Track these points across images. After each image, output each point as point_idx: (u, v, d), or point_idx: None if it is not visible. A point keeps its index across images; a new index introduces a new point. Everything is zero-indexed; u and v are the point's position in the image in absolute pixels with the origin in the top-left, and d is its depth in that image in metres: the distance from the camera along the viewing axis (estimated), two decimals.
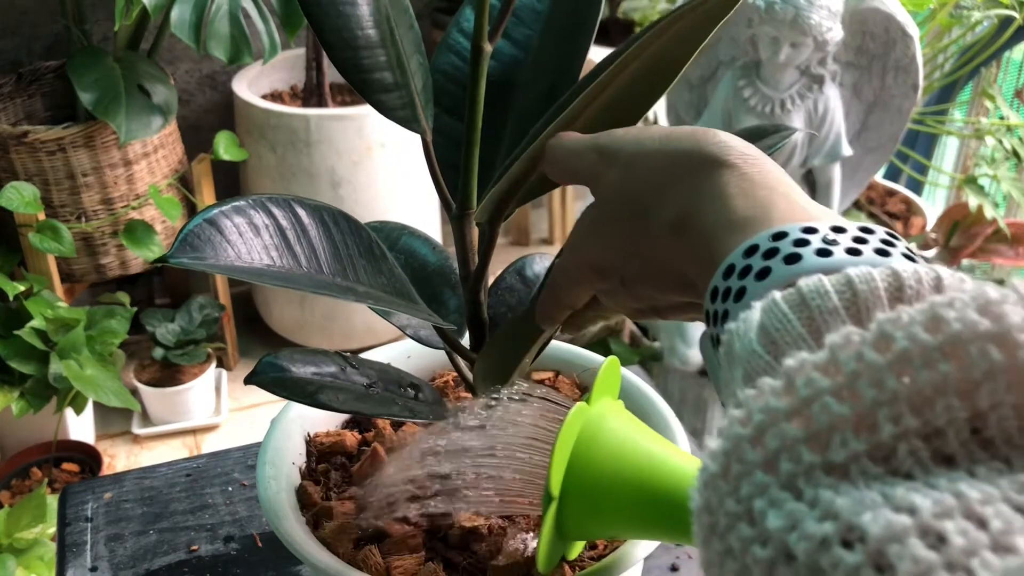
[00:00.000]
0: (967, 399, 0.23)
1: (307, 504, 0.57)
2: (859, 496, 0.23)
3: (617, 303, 0.43)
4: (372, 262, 0.48)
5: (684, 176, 0.37)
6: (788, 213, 0.34)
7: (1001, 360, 0.23)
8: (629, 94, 0.45)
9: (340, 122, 1.87)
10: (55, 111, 1.81)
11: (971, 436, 0.24)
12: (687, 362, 1.71)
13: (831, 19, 1.40)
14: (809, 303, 0.28)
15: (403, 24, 0.51)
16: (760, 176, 0.36)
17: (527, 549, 0.53)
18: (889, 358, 0.24)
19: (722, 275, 0.33)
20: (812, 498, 0.23)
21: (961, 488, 0.22)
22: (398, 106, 0.50)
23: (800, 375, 0.25)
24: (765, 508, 0.24)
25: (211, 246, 0.40)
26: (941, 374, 0.23)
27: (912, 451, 0.24)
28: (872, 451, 0.24)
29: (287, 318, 2.13)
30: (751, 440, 0.25)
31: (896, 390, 0.24)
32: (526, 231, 2.56)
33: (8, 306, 1.62)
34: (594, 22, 0.52)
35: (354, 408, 0.51)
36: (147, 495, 0.77)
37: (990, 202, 1.72)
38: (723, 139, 0.37)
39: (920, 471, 0.23)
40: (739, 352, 0.29)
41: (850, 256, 0.31)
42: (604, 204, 0.41)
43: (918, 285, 0.28)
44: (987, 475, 0.23)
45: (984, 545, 0.20)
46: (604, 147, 0.40)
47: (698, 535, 0.27)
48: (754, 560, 0.24)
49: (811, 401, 0.24)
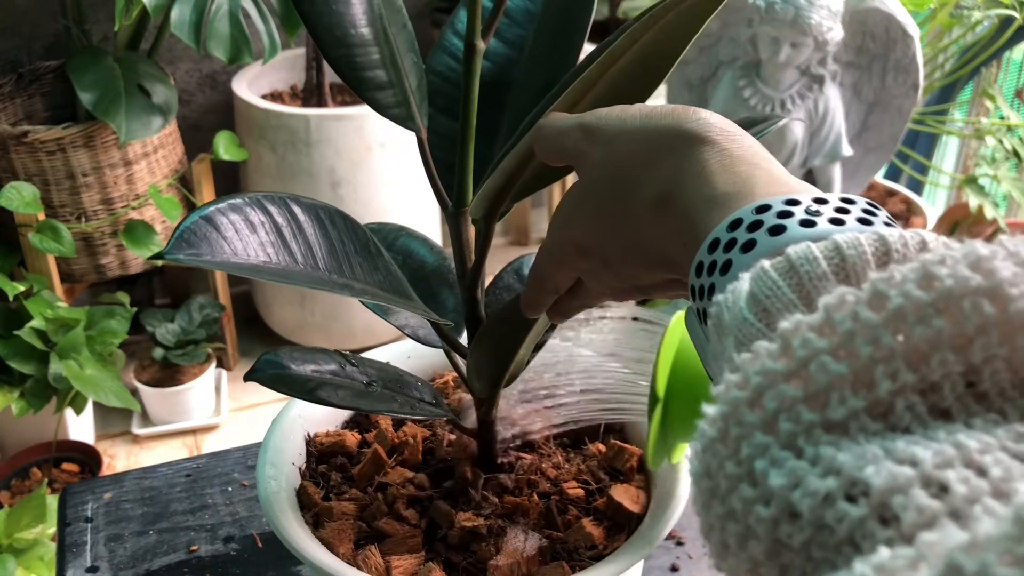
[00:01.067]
0: (961, 353, 0.24)
1: (307, 504, 0.57)
2: (860, 451, 0.23)
3: (600, 284, 0.43)
4: (368, 259, 0.49)
5: (665, 153, 0.37)
6: (770, 187, 0.34)
7: (993, 314, 0.23)
8: (621, 87, 0.45)
9: (340, 122, 1.87)
10: (55, 111, 1.81)
11: (966, 390, 0.24)
12: None
13: (831, 19, 1.40)
14: (798, 269, 0.28)
15: (396, 23, 0.51)
16: (740, 151, 0.36)
17: (527, 549, 0.53)
18: (884, 316, 0.24)
19: (707, 249, 0.33)
20: (813, 456, 0.24)
21: (960, 439, 0.22)
22: (392, 104, 0.50)
23: (796, 336, 0.25)
24: (766, 468, 0.24)
25: (208, 243, 0.40)
26: (935, 330, 0.24)
27: (910, 406, 0.24)
28: (870, 408, 0.24)
29: (287, 318, 2.13)
30: (749, 403, 0.25)
31: (892, 347, 0.24)
32: (525, 231, 2.56)
33: (8, 306, 1.62)
34: (587, 21, 0.53)
35: (353, 404, 0.51)
36: (147, 495, 0.77)
37: (990, 202, 1.72)
38: (703, 116, 0.38)
39: (918, 425, 0.24)
40: (729, 322, 0.29)
41: (833, 226, 0.31)
42: (587, 182, 0.41)
43: (904, 248, 0.28)
44: (984, 426, 0.23)
45: (985, 492, 0.21)
46: (588, 125, 0.41)
47: (697, 500, 0.27)
48: (757, 520, 0.24)
49: (808, 361, 0.25)
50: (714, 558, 0.27)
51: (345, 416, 0.66)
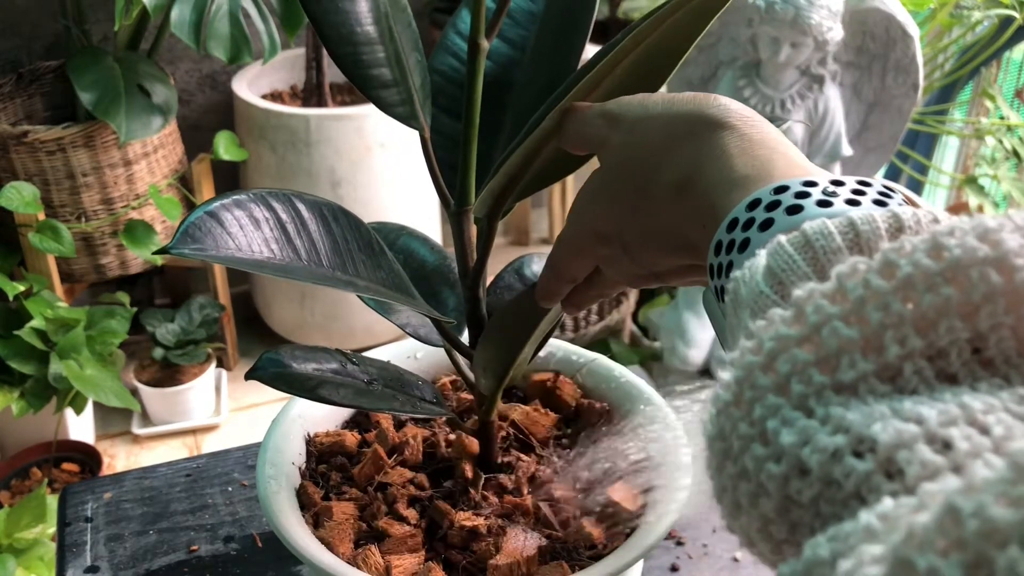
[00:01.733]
0: (968, 321, 0.25)
1: (307, 504, 0.57)
2: (868, 410, 0.24)
3: (618, 271, 0.43)
4: (371, 257, 0.49)
5: (686, 137, 0.38)
6: (788, 170, 0.35)
7: (1000, 283, 0.24)
8: (626, 87, 0.45)
9: (340, 122, 1.87)
10: (55, 111, 1.81)
11: (972, 356, 0.25)
12: (687, 362, 1.71)
13: (831, 19, 1.40)
14: (813, 244, 0.29)
15: (401, 22, 0.51)
16: (760, 136, 0.37)
17: (526, 548, 0.53)
18: (894, 283, 0.25)
19: (726, 228, 0.34)
20: (823, 415, 0.25)
21: (965, 400, 0.23)
22: (396, 102, 0.50)
23: (809, 303, 0.26)
24: (778, 427, 0.25)
25: (212, 237, 0.40)
26: (943, 297, 0.25)
27: (917, 370, 0.25)
28: (879, 371, 0.25)
29: (287, 318, 2.13)
30: (762, 367, 0.26)
31: (901, 313, 0.25)
32: (526, 231, 2.56)
33: (8, 306, 1.62)
34: (589, 21, 0.53)
35: (354, 403, 0.51)
36: (147, 495, 0.77)
37: (990, 202, 1.72)
38: (723, 102, 0.39)
39: (925, 389, 0.25)
40: (746, 296, 0.30)
41: (850, 206, 0.32)
42: (608, 168, 0.41)
43: (917, 225, 0.29)
44: (988, 389, 0.24)
45: (987, 448, 0.22)
46: (611, 111, 0.41)
47: (711, 463, 0.28)
48: (768, 476, 0.25)
49: (820, 326, 0.26)
50: (726, 518, 0.28)
51: (345, 416, 0.66)
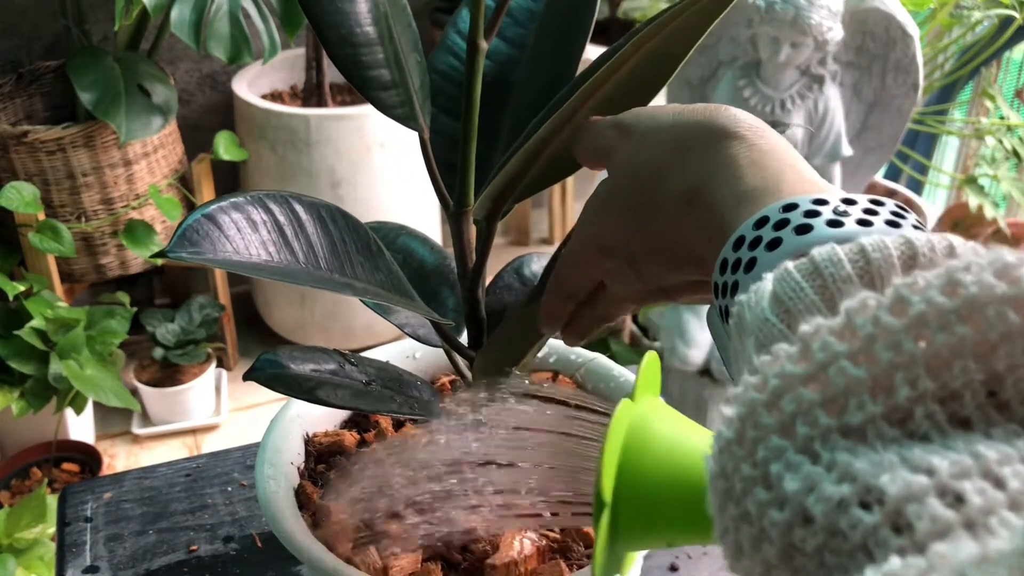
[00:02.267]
0: (983, 361, 0.23)
1: (306, 504, 0.57)
2: (876, 458, 0.23)
3: (623, 286, 0.42)
4: (369, 259, 0.48)
5: (695, 148, 0.37)
6: (798, 185, 0.34)
7: (1018, 322, 0.23)
8: (626, 90, 0.45)
9: (340, 122, 1.87)
10: (55, 111, 1.81)
11: (987, 399, 0.24)
12: (687, 362, 1.71)
13: (831, 19, 1.40)
14: (822, 271, 0.28)
15: (401, 22, 0.51)
16: (769, 148, 0.36)
17: (524, 548, 0.53)
18: (905, 321, 0.24)
19: (732, 246, 0.33)
20: (829, 461, 0.23)
21: (978, 449, 0.22)
22: (396, 103, 0.50)
23: (816, 340, 0.25)
24: (782, 471, 0.24)
25: (209, 241, 0.40)
26: (958, 336, 0.23)
27: (929, 414, 0.24)
28: (889, 414, 0.24)
29: (287, 318, 2.13)
30: (767, 405, 0.25)
31: (913, 353, 0.24)
32: (526, 231, 2.56)
33: (8, 306, 1.62)
34: (589, 21, 0.53)
35: (352, 404, 0.51)
36: (147, 495, 0.77)
37: (990, 202, 1.72)
38: (733, 113, 0.38)
39: (937, 434, 0.23)
40: (750, 322, 0.29)
41: (861, 227, 0.31)
42: (616, 178, 0.41)
43: (931, 253, 0.27)
44: (1004, 437, 0.23)
45: (1002, 504, 0.20)
46: (622, 122, 0.41)
47: (713, 501, 0.27)
48: (771, 523, 0.24)
49: (827, 365, 0.24)
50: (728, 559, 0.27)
51: (344, 416, 0.66)
